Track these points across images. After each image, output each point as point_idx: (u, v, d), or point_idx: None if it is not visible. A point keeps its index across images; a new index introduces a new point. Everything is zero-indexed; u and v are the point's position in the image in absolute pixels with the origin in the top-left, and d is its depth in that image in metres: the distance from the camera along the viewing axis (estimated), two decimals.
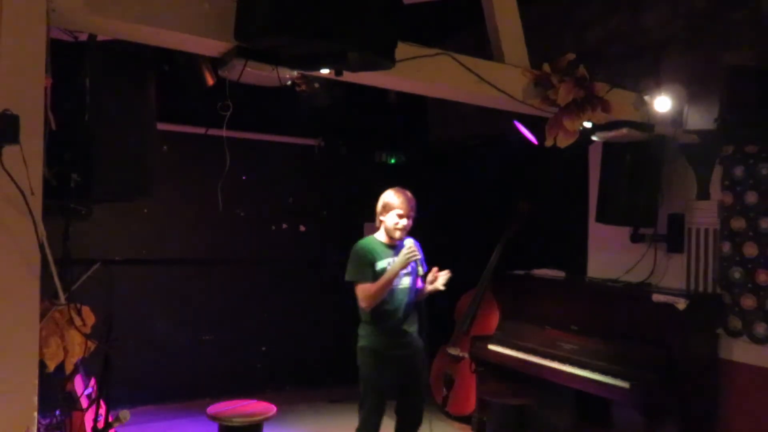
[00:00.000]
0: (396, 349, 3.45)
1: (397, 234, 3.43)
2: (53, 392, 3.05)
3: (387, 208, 3.46)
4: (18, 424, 1.91)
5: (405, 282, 3.47)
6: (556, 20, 5.05)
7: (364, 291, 3.36)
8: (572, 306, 4.33)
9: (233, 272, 5.74)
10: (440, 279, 3.46)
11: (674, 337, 3.68)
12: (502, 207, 5.24)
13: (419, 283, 3.57)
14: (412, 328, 3.54)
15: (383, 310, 3.40)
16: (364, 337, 3.49)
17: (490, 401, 4.22)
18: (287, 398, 5.50)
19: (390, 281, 3.32)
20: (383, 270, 3.38)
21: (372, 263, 3.39)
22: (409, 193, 3.49)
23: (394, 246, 3.50)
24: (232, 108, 2.62)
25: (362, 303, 3.38)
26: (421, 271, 3.45)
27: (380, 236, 3.53)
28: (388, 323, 3.42)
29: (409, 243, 3.40)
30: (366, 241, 3.52)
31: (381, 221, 3.50)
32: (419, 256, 3.37)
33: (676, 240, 4.16)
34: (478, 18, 3.40)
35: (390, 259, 3.43)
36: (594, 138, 3.76)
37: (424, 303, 3.63)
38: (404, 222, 3.42)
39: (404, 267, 3.33)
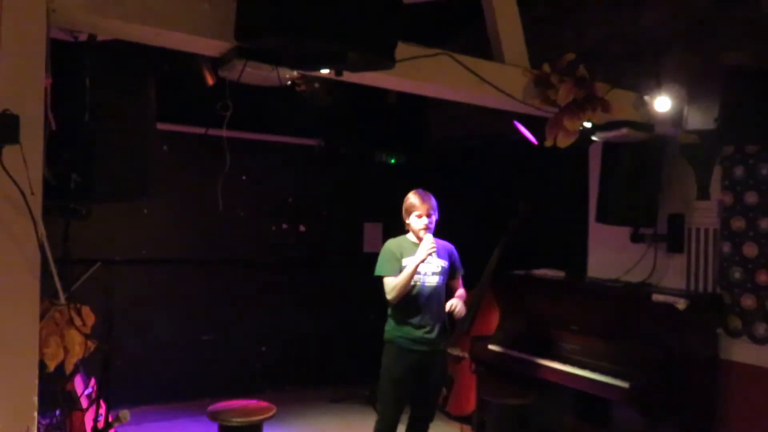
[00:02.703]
0: (415, 345, 3.54)
1: (422, 233, 3.56)
2: (53, 392, 3.05)
3: (408, 211, 3.63)
4: (18, 424, 1.91)
5: (432, 281, 3.58)
6: (556, 20, 5.05)
7: (388, 284, 3.53)
8: (572, 306, 4.32)
9: (233, 272, 5.73)
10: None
11: (674, 337, 3.68)
12: (502, 207, 5.23)
13: (460, 286, 3.76)
14: (437, 327, 3.59)
15: (406, 305, 3.55)
16: (387, 331, 3.64)
17: (490, 401, 4.21)
18: (287, 398, 5.49)
19: (411, 274, 3.46)
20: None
21: (398, 259, 3.55)
22: (428, 194, 3.63)
23: None
24: (232, 108, 2.62)
25: (387, 295, 3.54)
26: (458, 273, 3.74)
27: (410, 237, 3.67)
28: (409, 319, 3.55)
29: (428, 237, 3.50)
30: (396, 240, 3.70)
31: (408, 224, 3.66)
32: (435, 249, 3.48)
33: (676, 240, 4.15)
34: (478, 18, 3.40)
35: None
36: (594, 138, 3.76)
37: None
38: (425, 221, 3.55)
39: (423, 260, 3.46)
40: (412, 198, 3.61)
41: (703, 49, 4.01)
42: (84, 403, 3.30)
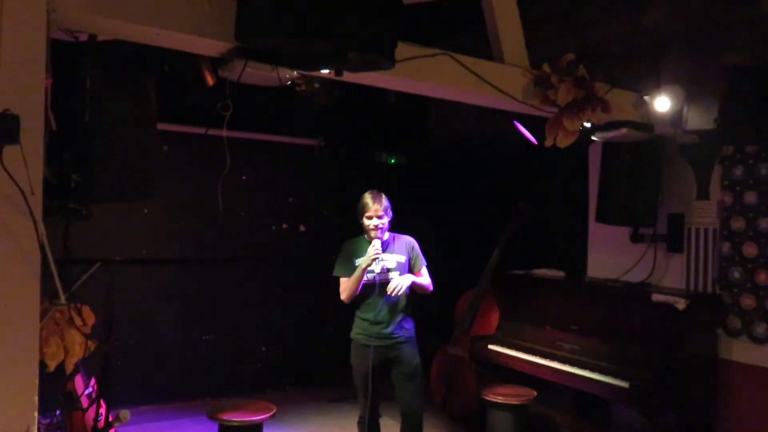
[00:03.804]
0: (373, 341, 3.65)
1: (372, 233, 3.67)
2: (53, 392, 3.05)
3: (360, 212, 3.73)
4: (18, 424, 1.91)
5: (386, 278, 3.66)
6: (556, 20, 5.05)
7: (342, 284, 3.71)
8: (572, 306, 4.32)
9: (233, 272, 5.73)
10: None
11: (674, 337, 3.68)
12: (502, 207, 5.24)
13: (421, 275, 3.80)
14: (393, 322, 3.67)
15: (363, 303, 3.72)
16: (352, 329, 3.79)
17: (490, 401, 4.22)
18: (287, 398, 5.50)
19: (358, 276, 3.60)
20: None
21: (352, 259, 3.68)
22: (379, 195, 3.70)
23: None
24: (232, 108, 2.62)
25: (341, 295, 3.70)
26: (419, 266, 3.77)
27: (366, 237, 3.76)
28: (366, 316, 3.70)
29: (376, 242, 3.60)
30: (352, 240, 3.83)
31: (361, 224, 3.76)
32: (379, 254, 3.58)
33: (676, 240, 4.16)
34: (478, 18, 3.40)
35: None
36: (594, 138, 3.76)
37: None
38: (374, 222, 3.65)
39: (369, 264, 3.57)
40: (364, 198, 3.69)
41: (703, 49, 4.01)
42: (84, 403, 3.30)
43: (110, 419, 3.17)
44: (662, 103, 3.66)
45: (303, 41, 2.16)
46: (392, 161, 6.58)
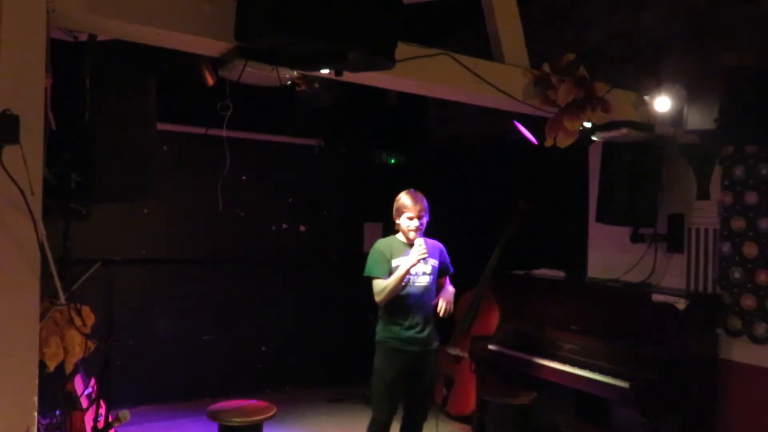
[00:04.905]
0: (406, 345, 3.54)
1: (411, 234, 3.56)
2: (53, 392, 3.05)
3: (399, 211, 3.61)
4: (18, 424, 1.91)
5: (421, 281, 3.57)
6: (556, 20, 5.05)
7: (378, 286, 3.52)
8: (572, 306, 4.32)
9: (233, 272, 5.74)
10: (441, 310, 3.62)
11: (674, 337, 3.68)
12: (502, 207, 5.23)
13: (447, 283, 3.76)
14: (427, 327, 3.60)
15: (395, 306, 3.54)
16: (378, 332, 3.63)
17: (490, 401, 4.22)
18: (287, 398, 5.50)
19: (401, 277, 3.46)
20: (399, 266, 3.52)
21: (388, 260, 3.55)
22: (419, 195, 3.61)
23: (413, 245, 3.57)
24: (232, 108, 2.62)
25: (376, 297, 3.54)
26: (447, 272, 3.73)
27: (400, 237, 3.67)
28: (399, 319, 3.55)
29: (420, 242, 3.49)
30: (385, 240, 3.70)
31: (398, 224, 3.65)
32: (427, 254, 3.48)
33: (676, 240, 4.15)
34: (478, 18, 3.40)
35: (406, 257, 3.54)
36: (594, 138, 3.76)
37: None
38: (415, 223, 3.54)
39: (414, 264, 3.45)
40: (404, 198, 3.59)
41: (703, 49, 4.01)
42: (84, 403, 3.29)
43: (110, 419, 3.17)
44: (662, 103, 3.66)
45: (303, 41, 2.16)
46: (392, 161, 6.59)
